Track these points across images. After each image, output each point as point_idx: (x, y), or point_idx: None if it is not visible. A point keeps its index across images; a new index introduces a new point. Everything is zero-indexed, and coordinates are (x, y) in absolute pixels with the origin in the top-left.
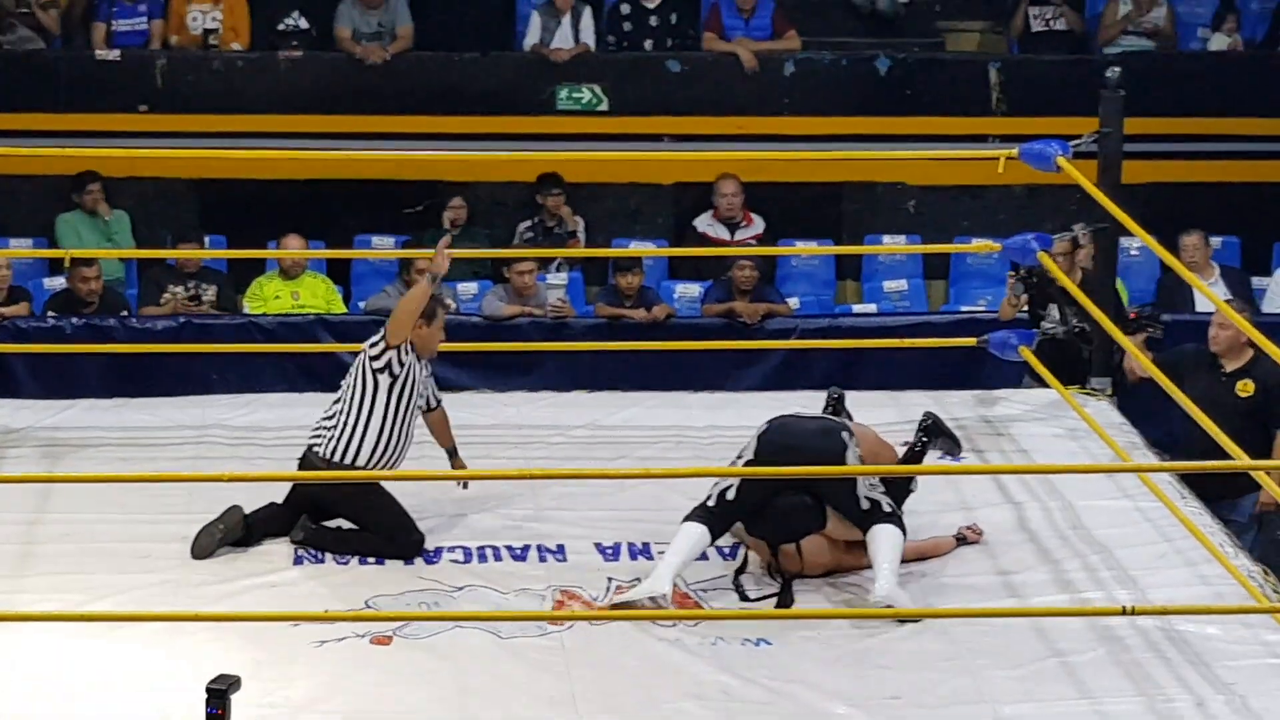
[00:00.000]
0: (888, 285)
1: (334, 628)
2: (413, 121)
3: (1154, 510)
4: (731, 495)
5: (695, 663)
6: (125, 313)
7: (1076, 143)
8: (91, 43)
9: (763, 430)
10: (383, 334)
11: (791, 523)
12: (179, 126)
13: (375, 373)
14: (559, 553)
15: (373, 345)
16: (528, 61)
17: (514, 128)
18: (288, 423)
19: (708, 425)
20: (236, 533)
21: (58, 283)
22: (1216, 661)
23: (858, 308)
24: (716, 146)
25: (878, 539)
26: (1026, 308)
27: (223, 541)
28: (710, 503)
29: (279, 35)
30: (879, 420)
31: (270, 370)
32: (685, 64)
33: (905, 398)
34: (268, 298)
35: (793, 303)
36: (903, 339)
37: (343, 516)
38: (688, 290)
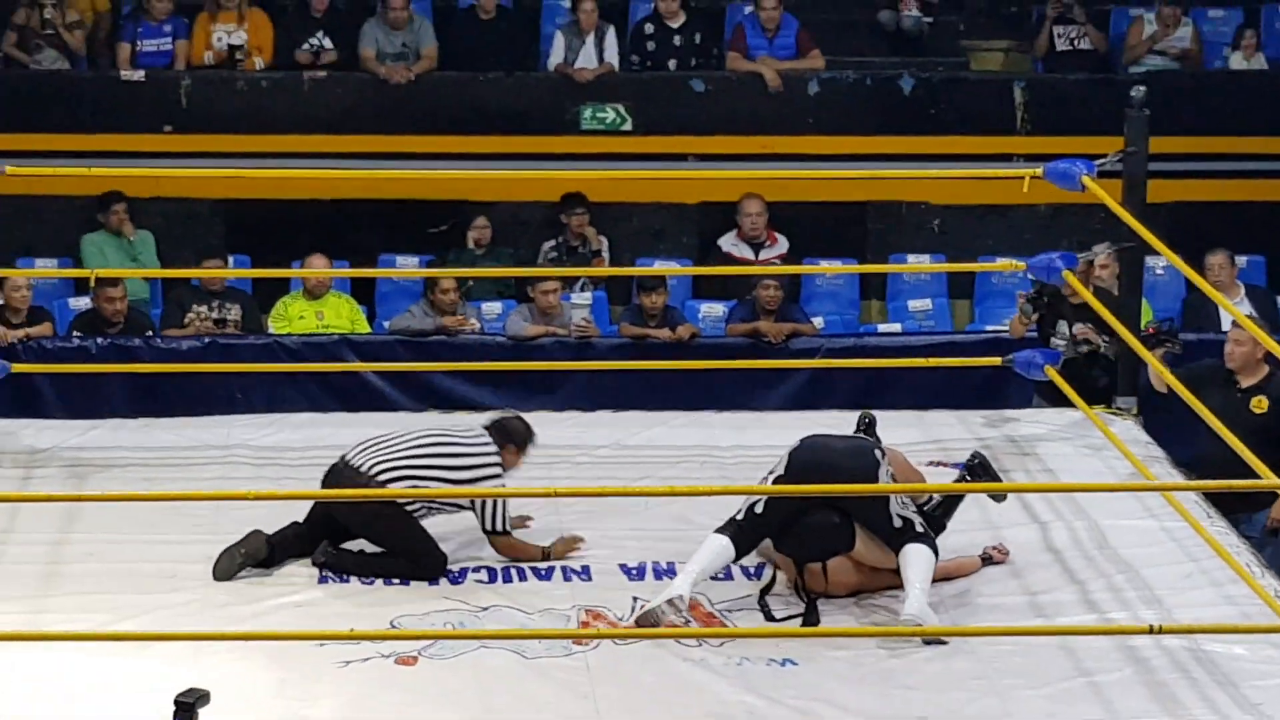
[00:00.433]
0: (912, 304)
1: (359, 647)
2: (437, 141)
3: (1180, 530)
4: (760, 509)
5: (720, 683)
6: (150, 333)
7: (1101, 162)
8: (116, 63)
9: (794, 448)
10: (489, 527)
11: (820, 541)
12: (203, 147)
13: (455, 502)
14: (584, 573)
15: (475, 508)
16: (552, 81)
17: (538, 147)
18: (312, 442)
19: (732, 445)
20: (258, 556)
21: (83, 303)
22: (1244, 681)
23: (883, 327)
24: (741, 166)
25: (910, 558)
26: (1036, 326)
27: (244, 564)
28: (739, 516)
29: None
30: (903, 440)
31: (295, 390)
32: (709, 83)
33: (930, 417)
34: (292, 318)
35: (817, 322)
36: (928, 358)
37: (365, 537)
38: (712, 310)
